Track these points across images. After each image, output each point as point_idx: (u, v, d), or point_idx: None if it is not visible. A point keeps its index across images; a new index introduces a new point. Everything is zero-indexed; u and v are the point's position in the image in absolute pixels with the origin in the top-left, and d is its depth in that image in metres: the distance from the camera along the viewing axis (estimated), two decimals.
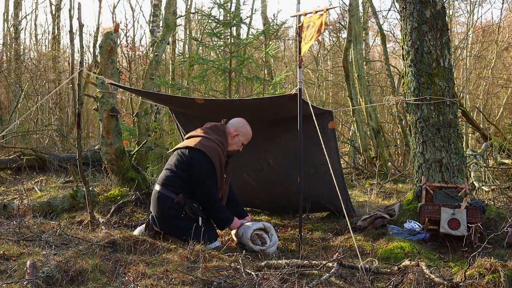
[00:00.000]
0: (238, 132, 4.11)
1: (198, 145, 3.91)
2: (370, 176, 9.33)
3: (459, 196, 4.16)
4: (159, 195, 3.95)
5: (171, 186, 3.91)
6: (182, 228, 3.80)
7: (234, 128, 4.11)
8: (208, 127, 4.13)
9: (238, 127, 4.13)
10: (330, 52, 18.49)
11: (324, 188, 4.81)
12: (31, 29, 22.23)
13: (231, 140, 4.10)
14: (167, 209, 3.88)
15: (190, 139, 4.06)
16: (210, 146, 3.93)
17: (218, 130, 4.09)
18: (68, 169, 6.63)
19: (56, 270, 2.74)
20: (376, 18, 13.31)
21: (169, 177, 3.95)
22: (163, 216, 3.90)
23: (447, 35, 4.44)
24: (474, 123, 9.11)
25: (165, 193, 3.92)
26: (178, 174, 3.92)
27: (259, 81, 8.40)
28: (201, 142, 3.94)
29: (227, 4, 8.16)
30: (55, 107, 14.58)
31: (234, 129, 4.11)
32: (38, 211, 4.71)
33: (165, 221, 3.89)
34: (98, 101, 5.18)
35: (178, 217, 3.86)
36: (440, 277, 2.64)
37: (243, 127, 4.15)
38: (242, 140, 4.15)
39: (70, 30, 10.73)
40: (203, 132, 4.07)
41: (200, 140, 3.95)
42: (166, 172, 4.01)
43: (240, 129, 4.13)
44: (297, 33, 3.69)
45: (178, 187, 3.90)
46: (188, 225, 3.73)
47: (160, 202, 3.92)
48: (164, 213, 3.90)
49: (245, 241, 3.82)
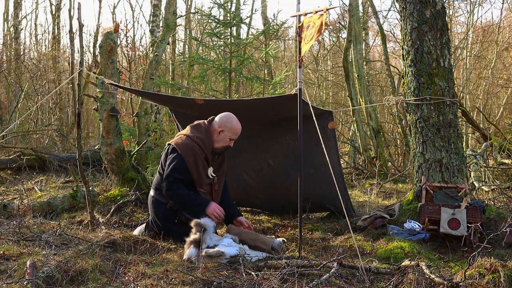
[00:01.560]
0: (223, 128, 3.93)
1: (173, 142, 3.89)
2: (370, 176, 9.33)
3: (459, 196, 4.16)
4: (153, 200, 3.95)
5: (162, 189, 3.88)
6: (178, 232, 3.78)
7: (218, 124, 3.96)
8: (192, 125, 4.05)
9: (223, 122, 3.95)
10: (330, 52, 18.49)
11: (324, 188, 4.81)
12: (31, 29, 22.24)
13: (217, 136, 3.94)
14: (162, 214, 3.88)
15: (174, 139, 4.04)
16: (184, 143, 3.83)
17: (201, 128, 3.98)
18: (68, 169, 6.63)
19: (56, 270, 2.75)
20: (376, 18, 13.31)
21: (159, 180, 3.94)
22: (159, 220, 3.90)
23: (447, 35, 4.44)
24: (474, 123, 9.11)
25: (158, 198, 3.92)
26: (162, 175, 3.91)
27: (259, 81, 8.40)
28: (178, 140, 3.90)
29: (227, 4, 8.16)
30: (55, 107, 14.58)
31: (219, 125, 3.95)
32: (38, 211, 4.70)
33: (162, 225, 3.88)
34: (98, 101, 5.18)
35: (173, 222, 3.86)
36: (440, 277, 2.64)
37: (228, 122, 3.96)
38: (229, 135, 3.96)
39: (70, 30, 10.72)
40: (186, 131, 4.02)
41: (177, 139, 3.92)
42: (156, 176, 4.01)
43: (225, 125, 3.94)
44: (297, 33, 3.69)
45: None
46: (184, 230, 3.67)
47: (155, 207, 3.92)
48: (159, 218, 3.90)
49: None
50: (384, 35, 12.94)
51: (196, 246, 3.34)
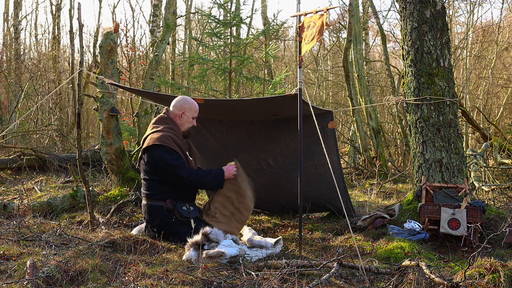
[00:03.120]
0: (183, 110, 4.05)
1: (150, 142, 3.87)
2: (370, 176, 9.33)
3: (459, 196, 4.16)
4: (148, 208, 3.91)
5: (155, 194, 3.88)
6: (176, 233, 3.80)
7: (178, 108, 4.06)
8: (153, 122, 4.10)
9: (181, 105, 4.07)
10: (330, 52, 18.49)
11: (324, 188, 4.81)
12: (31, 29, 22.21)
13: (180, 120, 4.05)
14: (159, 218, 3.86)
15: (144, 143, 4.03)
16: (162, 137, 3.86)
17: (164, 119, 4.05)
18: (68, 169, 6.63)
19: (56, 270, 2.74)
20: (376, 18, 13.32)
21: (148, 187, 3.92)
22: (156, 225, 3.88)
23: (447, 35, 4.44)
24: (474, 123, 9.11)
25: (153, 203, 3.89)
26: (152, 179, 3.89)
27: (259, 81, 8.41)
28: (151, 138, 3.90)
29: (227, 4, 8.16)
30: (55, 107, 14.58)
31: (179, 109, 4.05)
32: (38, 211, 4.70)
33: (159, 229, 3.86)
34: (98, 101, 5.18)
35: (170, 223, 3.85)
36: (440, 277, 2.64)
37: (186, 103, 4.09)
38: (191, 114, 4.08)
39: (70, 30, 10.73)
40: (151, 128, 4.05)
41: (150, 138, 3.91)
42: (143, 184, 3.99)
43: (184, 106, 4.06)
44: (297, 33, 3.69)
45: (161, 191, 3.87)
46: (181, 230, 3.73)
47: (151, 214, 3.89)
48: (156, 223, 3.88)
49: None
50: (384, 35, 12.95)
51: (196, 249, 3.33)
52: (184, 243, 3.51)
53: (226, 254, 3.27)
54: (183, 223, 3.82)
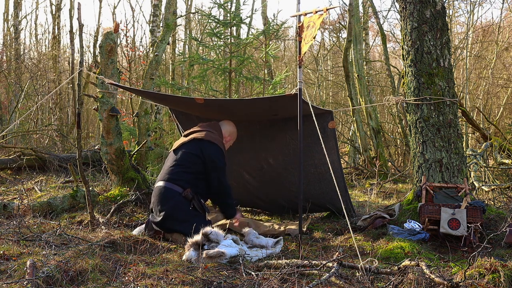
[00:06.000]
0: (231, 137, 4.47)
1: (207, 137, 4.10)
2: (370, 176, 9.33)
3: (459, 196, 4.16)
4: (164, 190, 3.95)
5: (178, 180, 3.98)
6: (182, 222, 3.81)
7: (228, 133, 4.42)
8: (206, 124, 4.32)
9: (231, 133, 4.46)
10: (330, 52, 18.49)
11: (324, 188, 4.81)
12: (31, 29, 22.20)
13: (225, 141, 4.40)
14: (173, 202, 3.89)
15: (193, 134, 4.17)
16: (217, 138, 4.18)
17: (217, 129, 4.32)
18: (68, 169, 6.62)
19: (56, 270, 2.74)
20: (376, 18, 13.31)
21: (176, 172, 4.00)
22: (168, 210, 3.86)
23: (447, 35, 4.44)
24: (474, 123, 9.10)
25: (171, 187, 3.95)
26: (187, 167, 4.01)
27: (259, 81, 8.40)
28: (208, 135, 4.13)
29: (227, 4, 8.16)
30: (55, 107, 14.57)
31: (228, 134, 4.42)
32: (38, 211, 4.70)
33: (168, 212, 3.85)
34: (98, 101, 5.18)
35: (185, 210, 3.88)
36: (440, 277, 2.64)
37: (234, 133, 4.50)
38: (231, 143, 4.53)
39: (70, 30, 10.73)
40: (204, 128, 4.24)
41: (206, 134, 4.14)
42: (171, 169, 4.05)
43: (233, 135, 4.48)
44: (297, 33, 3.69)
45: (185, 181, 3.96)
46: (194, 220, 3.72)
47: (166, 196, 3.91)
48: (169, 207, 3.87)
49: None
50: (384, 35, 12.94)
51: (196, 249, 3.33)
52: (184, 236, 3.52)
53: (226, 254, 3.28)
54: (198, 216, 3.90)
